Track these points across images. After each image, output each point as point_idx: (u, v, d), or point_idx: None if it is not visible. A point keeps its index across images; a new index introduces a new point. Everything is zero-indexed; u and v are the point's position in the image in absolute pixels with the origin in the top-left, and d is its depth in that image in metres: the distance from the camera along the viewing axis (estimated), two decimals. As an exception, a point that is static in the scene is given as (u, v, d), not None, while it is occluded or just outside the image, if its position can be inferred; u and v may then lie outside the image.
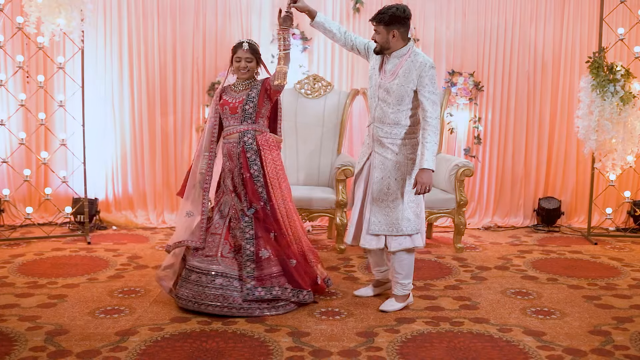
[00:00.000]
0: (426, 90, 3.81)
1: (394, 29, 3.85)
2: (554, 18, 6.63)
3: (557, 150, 6.79)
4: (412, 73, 3.82)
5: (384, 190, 3.94)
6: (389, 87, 3.88)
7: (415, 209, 3.97)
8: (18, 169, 5.99)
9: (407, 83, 3.83)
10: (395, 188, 3.93)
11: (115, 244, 5.68)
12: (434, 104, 3.82)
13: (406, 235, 3.96)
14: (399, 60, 3.88)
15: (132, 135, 6.50)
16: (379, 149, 3.97)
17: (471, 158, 6.67)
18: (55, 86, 6.28)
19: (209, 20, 6.44)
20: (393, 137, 3.92)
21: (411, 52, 3.88)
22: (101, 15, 6.33)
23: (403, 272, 4.06)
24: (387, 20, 3.84)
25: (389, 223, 3.96)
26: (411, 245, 3.99)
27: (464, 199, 5.61)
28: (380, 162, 3.96)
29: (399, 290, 4.09)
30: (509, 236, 6.32)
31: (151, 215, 6.53)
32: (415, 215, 3.97)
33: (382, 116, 3.93)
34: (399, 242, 3.98)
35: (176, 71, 6.47)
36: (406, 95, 3.85)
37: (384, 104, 3.91)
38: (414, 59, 3.84)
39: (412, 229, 3.96)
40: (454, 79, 6.56)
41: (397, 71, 3.86)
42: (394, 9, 3.85)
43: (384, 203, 3.95)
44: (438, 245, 5.88)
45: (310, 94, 6.12)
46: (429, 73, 3.81)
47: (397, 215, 3.94)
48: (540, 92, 6.70)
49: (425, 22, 6.54)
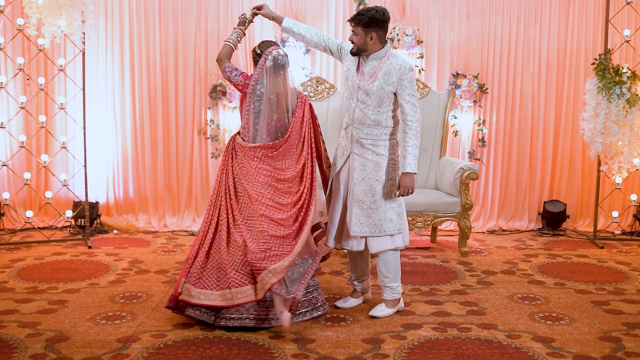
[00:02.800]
0: (406, 92, 3.80)
1: (372, 31, 3.81)
2: (558, 19, 6.57)
3: (562, 153, 6.72)
4: (391, 75, 3.80)
5: (366, 192, 3.91)
6: (368, 89, 3.85)
7: (398, 209, 3.96)
8: (18, 172, 5.93)
9: (387, 85, 3.81)
10: (376, 189, 3.90)
11: (117, 248, 5.62)
12: (414, 106, 3.81)
13: (387, 235, 3.94)
14: (378, 62, 3.86)
15: (134, 138, 6.44)
16: (358, 150, 3.94)
17: (475, 161, 6.60)
18: (56, 88, 6.23)
19: (210, 22, 6.39)
20: (373, 137, 3.89)
21: (389, 54, 3.86)
22: (102, 16, 6.28)
23: (390, 274, 4.01)
24: (366, 22, 3.80)
25: (371, 224, 3.92)
26: (392, 245, 3.96)
27: (470, 203, 5.55)
28: (361, 164, 3.92)
29: (388, 295, 4.04)
30: (514, 240, 6.26)
31: (152, 219, 6.47)
32: (397, 215, 3.95)
33: (362, 117, 3.90)
34: (380, 243, 3.94)
35: (178, 73, 6.42)
36: (386, 97, 3.84)
37: (364, 105, 3.88)
38: (393, 61, 3.82)
39: (394, 229, 3.94)
40: (458, 81, 6.50)
41: (376, 73, 3.84)
42: (373, 11, 3.81)
43: (366, 204, 3.91)
44: (443, 249, 5.82)
45: (313, 96, 6.06)
46: (409, 76, 3.80)
47: (379, 216, 3.91)
48: (545, 95, 6.64)
49: (429, 24, 6.49)
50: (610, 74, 5.84)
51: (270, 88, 3.88)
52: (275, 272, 3.62)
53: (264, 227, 3.76)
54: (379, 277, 4.05)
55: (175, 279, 4.69)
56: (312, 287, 3.98)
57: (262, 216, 3.79)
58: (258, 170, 3.86)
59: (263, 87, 3.87)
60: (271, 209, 3.82)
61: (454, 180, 5.59)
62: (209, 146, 6.48)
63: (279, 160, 3.91)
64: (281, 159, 3.92)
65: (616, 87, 5.78)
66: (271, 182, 3.87)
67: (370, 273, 4.37)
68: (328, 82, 6.10)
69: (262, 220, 3.78)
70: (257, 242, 3.73)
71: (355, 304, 4.22)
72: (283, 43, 6.29)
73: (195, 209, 6.50)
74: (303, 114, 3.95)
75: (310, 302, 3.94)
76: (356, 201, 3.94)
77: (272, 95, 3.88)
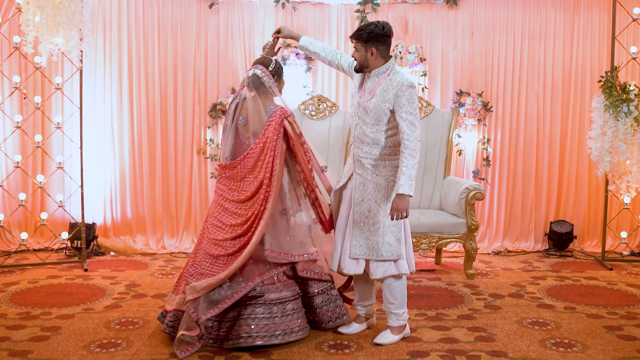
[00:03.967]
0: (403, 110, 3.63)
1: (372, 46, 3.70)
2: (563, 36, 6.48)
3: (569, 172, 6.60)
4: (389, 92, 3.67)
5: (365, 213, 3.78)
6: (366, 106, 3.74)
7: (397, 234, 3.77)
8: (13, 193, 5.80)
9: (384, 102, 3.68)
10: (375, 211, 3.75)
11: (113, 271, 5.47)
12: (411, 124, 3.63)
13: (390, 260, 3.77)
14: (378, 78, 3.74)
15: (132, 158, 6.32)
16: (359, 170, 3.82)
17: (480, 180, 6.48)
18: (53, 107, 6.12)
19: (210, 40, 6.31)
20: (372, 157, 3.77)
21: (390, 70, 3.73)
22: (101, 34, 6.19)
23: (395, 301, 3.86)
24: (365, 38, 3.70)
25: (369, 247, 3.78)
26: (396, 272, 3.79)
27: (475, 224, 5.41)
28: (361, 184, 3.80)
29: (393, 321, 3.89)
30: (521, 261, 6.11)
31: (150, 240, 6.33)
32: (396, 240, 3.77)
33: (361, 136, 3.79)
34: (385, 269, 3.79)
35: (177, 92, 6.32)
36: (383, 114, 3.70)
37: (363, 123, 3.77)
38: (393, 77, 3.69)
39: (392, 254, 3.76)
40: (462, 99, 6.39)
41: (375, 90, 3.72)
42: (372, 25, 3.71)
43: (365, 226, 3.78)
44: (448, 272, 5.67)
45: (314, 115, 5.95)
46: (406, 93, 3.63)
47: (377, 239, 3.76)
48: (550, 113, 6.53)
49: (432, 41, 6.40)
50: (617, 92, 5.74)
51: (241, 107, 3.87)
52: (194, 290, 3.62)
53: (203, 243, 3.86)
54: (384, 302, 3.91)
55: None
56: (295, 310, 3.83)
57: (203, 233, 3.90)
58: (215, 188, 3.98)
59: (233, 104, 3.91)
60: (214, 228, 3.84)
61: (459, 201, 5.46)
62: (209, 166, 6.36)
63: (238, 181, 3.86)
64: (240, 180, 3.85)
65: (623, 105, 5.68)
66: (220, 201, 3.87)
67: (376, 297, 4.22)
68: (330, 101, 6.00)
69: (203, 237, 3.89)
70: (193, 257, 3.88)
71: (359, 330, 4.06)
72: (284, 61, 6.20)
73: (194, 230, 6.36)
74: (267, 137, 3.80)
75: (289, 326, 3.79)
76: (356, 222, 3.81)
77: (241, 116, 3.87)
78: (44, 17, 5.15)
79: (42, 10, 5.14)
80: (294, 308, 3.83)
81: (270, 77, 3.87)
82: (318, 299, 3.96)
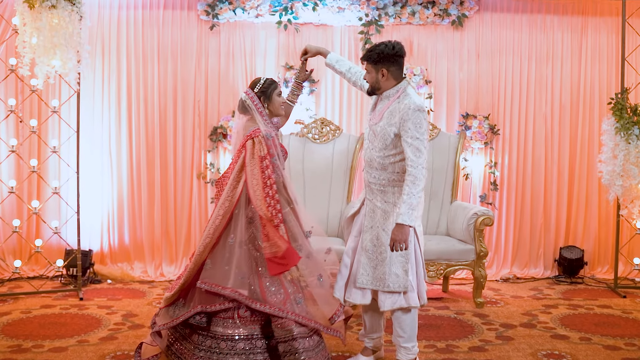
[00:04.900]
0: (408, 135, 3.45)
1: (382, 67, 3.57)
2: (571, 58, 6.37)
3: (578, 196, 6.44)
4: (395, 116, 3.51)
5: (373, 241, 3.62)
6: (375, 129, 3.61)
7: (404, 265, 3.58)
8: (7, 219, 5.63)
9: (390, 126, 3.52)
10: (383, 239, 3.58)
11: (110, 300, 5.28)
12: (416, 150, 3.43)
13: (399, 292, 3.59)
14: (388, 100, 3.60)
15: (130, 183, 6.16)
16: (369, 195, 3.68)
17: (487, 205, 6.31)
18: (49, 131, 5.98)
19: (211, 62, 6.19)
20: (380, 182, 3.62)
21: (401, 92, 3.57)
22: (99, 56, 6.07)
23: (405, 334, 3.68)
24: (375, 58, 3.57)
25: (375, 277, 3.61)
26: (405, 304, 3.60)
27: (484, 250, 5.24)
28: (371, 210, 3.65)
29: (402, 355, 3.71)
30: (530, 288, 5.92)
31: (149, 267, 6.14)
32: (403, 270, 3.58)
33: (370, 160, 3.66)
34: (393, 301, 3.60)
35: (177, 115, 6.18)
36: (389, 138, 3.54)
37: (372, 146, 3.64)
38: (402, 100, 3.53)
39: (399, 285, 3.58)
40: (468, 122, 6.25)
41: (383, 113, 3.58)
42: (382, 45, 3.57)
43: (373, 255, 3.62)
44: (456, 300, 5.48)
45: (318, 138, 5.81)
46: (413, 116, 3.44)
47: (384, 269, 3.59)
48: (558, 135, 6.39)
49: (437, 63, 6.27)
50: (628, 114, 5.60)
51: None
52: (164, 299, 3.79)
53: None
54: (394, 335, 3.72)
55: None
56: (250, 351, 3.58)
57: None
58: None
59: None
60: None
61: (468, 227, 5.29)
62: (209, 191, 6.19)
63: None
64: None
65: (635, 127, 5.54)
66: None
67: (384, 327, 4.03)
68: (333, 124, 5.86)
69: None
70: None
71: None
72: (286, 83, 6.08)
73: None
74: (236, 159, 3.73)
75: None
76: (364, 250, 3.65)
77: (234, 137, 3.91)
78: (41, 39, 5.03)
79: (39, 32, 5.02)
80: (248, 349, 3.56)
81: (254, 99, 3.76)
82: (280, 347, 3.55)
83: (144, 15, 6.14)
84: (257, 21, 6.15)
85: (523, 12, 6.32)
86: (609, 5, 6.31)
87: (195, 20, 6.16)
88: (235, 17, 6.10)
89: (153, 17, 6.14)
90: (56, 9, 5.04)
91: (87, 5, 5.34)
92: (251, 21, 6.16)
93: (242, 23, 6.17)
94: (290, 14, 6.08)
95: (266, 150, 3.62)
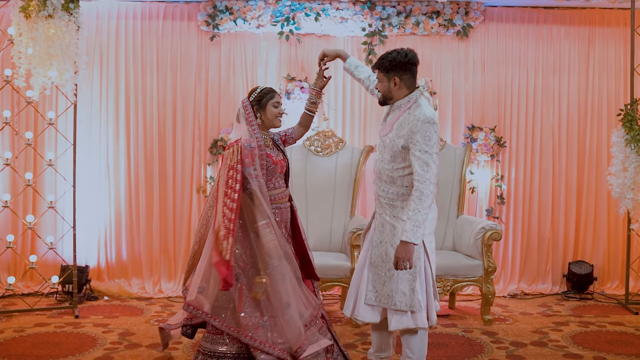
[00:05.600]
0: (416, 148, 3.30)
1: (394, 75, 3.43)
2: (578, 68, 6.25)
3: (587, 209, 6.29)
4: (404, 127, 3.37)
5: (382, 256, 3.48)
6: (384, 140, 3.48)
7: (412, 283, 3.42)
8: (1, 234, 5.48)
9: (398, 138, 3.39)
10: (391, 255, 3.43)
11: (106, 318, 5.11)
12: (425, 164, 3.28)
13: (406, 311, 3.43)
14: (400, 111, 3.47)
15: (128, 197, 6.01)
16: (379, 209, 3.56)
17: (494, 219, 6.16)
18: (45, 143, 5.84)
19: (211, 74, 6.06)
20: (390, 197, 3.48)
21: (413, 103, 3.43)
22: (97, 67, 5.95)
23: (413, 355, 3.52)
24: (387, 66, 3.43)
25: (383, 294, 3.47)
26: (413, 325, 3.44)
27: (493, 266, 5.09)
28: (380, 224, 3.52)
29: None
30: (539, 305, 5.76)
31: (147, 284, 5.97)
32: (410, 289, 3.43)
33: (379, 172, 3.53)
34: (399, 320, 3.45)
35: (176, 127, 6.05)
36: (398, 151, 3.40)
37: (382, 158, 3.51)
38: (413, 111, 3.39)
39: (406, 304, 3.42)
40: (474, 134, 6.12)
41: (394, 124, 3.45)
42: (394, 53, 3.44)
43: (381, 271, 3.48)
44: (463, 317, 5.32)
45: (320, 151, 5.67)
46: (422, 128, 3.30)
47: (391, 286, 3.44)
48: (566, 148, 6.25)
49: (442, 74, 6.15)
50: (638, 125, 5.47)
51: None
52: None
53: None
54: (402, 355, 3.56)
55: (169, 355, 4.20)
56: None
57: None
58: None
59: None
60: None
61: (475, 241, 5.15)
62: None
63: None
64: None
65: (645, 139, 5.41)
66: None
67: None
68: (336, 136, 5.73)
69: None
70: None
71: None
72: (288, 95, 5.95)
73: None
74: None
75: None
76: (372, 266, 3.52)
77: None
78: (37, 49, 4.90)
79: (35, 42, 4.90)
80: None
81: (247, 108, 3.65)
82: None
83: (143, 26, 6.03)
84: (259, 32, 6.04)
85: (529, 22, 6.21)
86: (617, 15, 6.20)
87: (195, 31, 6.04)
88: (236, 28, 5.99)
89: (152, 28, 6.03)
90: (53, 18, 4.93)
91: (85, 15, 5.24)
92: (252, 32, 6.04)
93: (243, 34, 6.05)
94: (292, 25, 5.97)
95: (236, 160, 3.47)
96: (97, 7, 5.94)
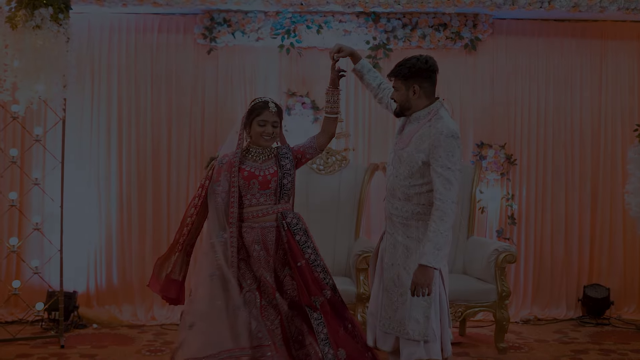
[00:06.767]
0: (438, 164, 3.07)
1: (414, 83, 3.18)
2: (590, 83, 6.01)
3: (601, 230, 6.02)
4: (425, 141, 3.12)
5: (394, 280, 3.22)
6: (401, 154, 3.22)
7: (427, 310, 3.16)
8: (-17, 258, 5.18)
9: (418, 152, 3.14)
10: (404, 279, 3.17)
11: (94, 348, 4.78)
12: (447, 182, 3.05)
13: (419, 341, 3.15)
14: (419, 123, 3.20)
15: (119, 218, 5.72)
16: (390, 228, 3.29)
17: (505, 240, 5.87)
18: (33, 161, 5.56)
19: (208, 88, 5.81)
20: (404, 214, 3.22)
21: (434, 114, 3.18)
22: (88, 80, 5.69)
23: None
24: (406, 74, 3.18)
25: (396, 321, 3.20)
26: (425, 356, 3.17)
27: (507, 290, 4.80)
28: (391, 245, 3.26)
29: None
30: (554, 331, 5.46)
31: (139, 310, 5.65)
32: (425, 317, 3.16)
33: (393, 188, 3.27)
34: (410, 350, 3.18)
35: (171, 145, 5.78)
36: (416, 166, 3.14)
37: (396, 174, 3.25)
38: (434, 124, 3.14)
39: (419, 333, 3.15)
40: (483, 151, 5.86)
41: (412, 136, 3.18)
42: (414, 59, 3.19)
43: (394, 296, 3.22)
44: (475, 345, 5.01)
45: (323, 169, 5.40)
46: (445, 143, 3.07)
47: (403, 313, 3.17)
48: (579, 165, 6.00)
49: (449, 88, 5.89)
50: (656, 141, 5.25)
51: None
52: None
53: None
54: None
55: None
56: None
57: None
58: None
59: None
60: None
61: (488, 264, 4.86)
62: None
63: None
64: None
65: (664, 156, 5.18)
66: None
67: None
68: (339, 154, 5.46)
69: None
70: None
71: None
72: (289, 111, 5.70)
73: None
74: None
75: None
76: (385, 290, 3.25)
77: None
78: (24, 62, 4.66)
79: (22, 54, 4.66)
80: None
81: (243, 119, 3.44)
82: None
83: (137, 39, 5.78)
84: (258, 45, 5.79)
85: (539, 35, 5.98)
86: (630, 27, 5.98)
87: (191, 44, 5.80)
88: (235, 41, 5.74)
89: (147, 40, 5.78)
90: (41, 29, 4.68)
91: (76, 27, 5.05)
92: (251, 45, 5.79)
93: (242, 47, 5.81)
94: (293, 38, 5.72)
95: (207, 176, 3.48)
96: (89, 19, 5.69)
